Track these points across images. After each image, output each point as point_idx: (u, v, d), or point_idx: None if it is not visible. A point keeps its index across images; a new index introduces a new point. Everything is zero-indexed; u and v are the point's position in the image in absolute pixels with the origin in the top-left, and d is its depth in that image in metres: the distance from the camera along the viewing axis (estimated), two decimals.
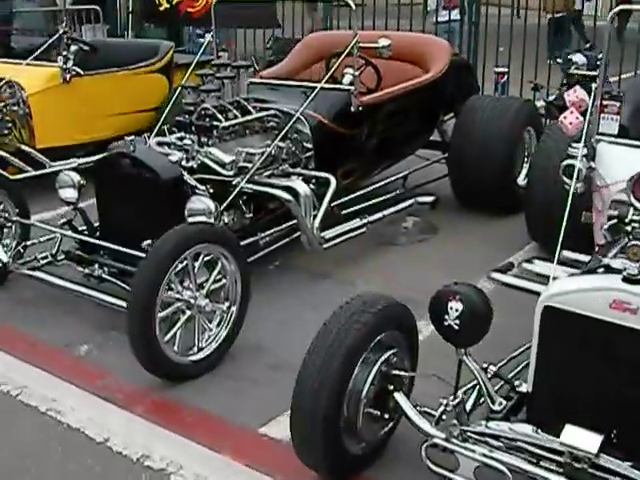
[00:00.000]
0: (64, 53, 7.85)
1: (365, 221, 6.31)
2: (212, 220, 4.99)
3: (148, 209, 5.35)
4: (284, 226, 5.94)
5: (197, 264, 4.61)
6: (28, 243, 5.75)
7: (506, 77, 9.52)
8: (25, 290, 5.82)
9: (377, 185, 7.09)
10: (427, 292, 3.46)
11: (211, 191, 5.59)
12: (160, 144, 5.86)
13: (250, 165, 5.76)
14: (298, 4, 13.30)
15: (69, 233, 5.64)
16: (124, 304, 4.69)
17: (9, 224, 5.89)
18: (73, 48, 7.96)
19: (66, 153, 8.08)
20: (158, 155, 5.56)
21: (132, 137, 5.44)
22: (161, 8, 13.19)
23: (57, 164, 7.79)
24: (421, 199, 6.97)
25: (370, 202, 6.73)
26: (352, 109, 6.36)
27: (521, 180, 7.34)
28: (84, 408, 4.41)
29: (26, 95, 7.84)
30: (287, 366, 4.51)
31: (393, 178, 7.28)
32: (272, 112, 6.16)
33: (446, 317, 3.42)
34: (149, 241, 4.98)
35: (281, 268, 6.10)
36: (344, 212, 6.31)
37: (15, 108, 7.88)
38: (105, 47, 8.65)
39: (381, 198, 6.94)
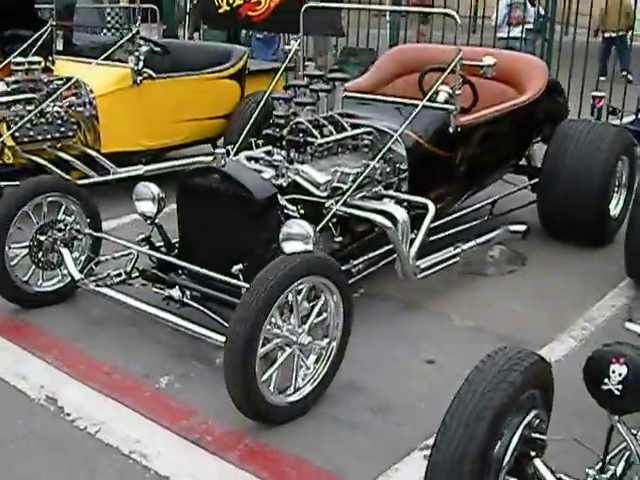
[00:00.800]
0: (136, 54, 7.42)
1: (459, 250, 5.87)
2: (311, 246, 4.55)
3: (237, 230, 4.93)
4: (377, 252, 5.49)
5: (300, 297, 4.17)
6: (102, 259, 5.29)
7: (603, 101, 9.06)
8: (94, 308, 5.44)
9: (466, 211, 6.62)
10: (525, 330, 3.04)
11: (301, 212, 5.16)
12: (249, 159, 5.43)
13: (344, 186, 5.32)
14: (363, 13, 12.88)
15: (147, 251, 5.19)
16: (206, 332, 4.41)
17: (80, 236, 5.45)
18: (144, 49, 7.53)
19: (131, 159, 7.68)
20: (250, 171, 5.14)
21: (223, 150, 5.01)
22: (220, 10, 12.68)
23: (123, 170, 7.42)
24: (513, 228, 6.53)
25: (457, 229, 6.27)
26: (450, 130, 5.90)
27: (613, 210, 6.87)
28: (171, 452, 3.97)
29: (94, 96, 7.43)
30: (387, 409, 4.34)
31: (482, 204, 6.81)
32: (367, 129, 5.70)
33: (606, 381, 2.97)
34: (240, 266, 4.65)
35: (367, 297, 5.62)
36: (430, 239, 5.84)
37: (81, 109, 7.49)
38: (175, 49, 8.22)
39: (467, 225, 6.48)
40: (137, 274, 5.30)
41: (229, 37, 13.79)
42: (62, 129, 7.34)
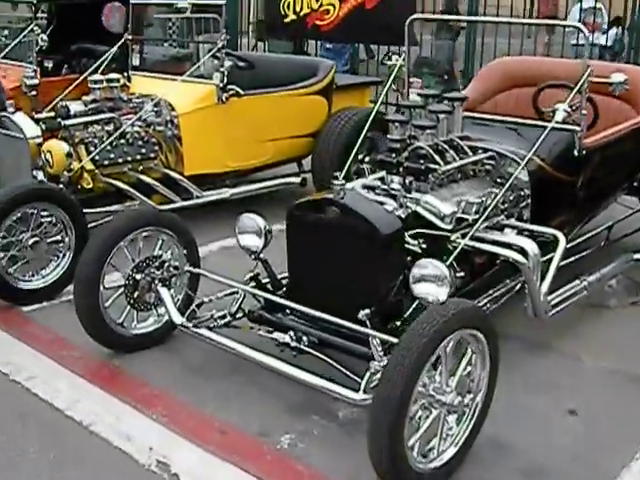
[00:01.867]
0: (221, 69, 6.96)
1: (585, 283, 5.35)
2: (447, 289, 4.05)
3: (359, 269, 4.44)
4: (500, 289, 5.00)
5: (448, 350, 3.68)
6: (205, 299, 4.83)
7: None
8: (194, 353, 5.00)
9: (582, 238, 6.09)
10: None
11: (423, 247, 4.67)
12: (365, 188, 4.95)
13: (468, 217, 4.85)
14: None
15: (257, 291, 4.72)
16: (339, 389, 3.92)
17: (177, 272, 4.99)
18: (227, 64, 7.06)
19: (214, 181, 7.23)
20: (372, 203, 4.65)
21: (342, 181, 4.52)
22: (287, 20, 12.24)
23: (208, 194, 6.97)
24: (637, 255, 5.99)
25: (573, 258, 5.75)
26: (575, 152, 5.38)
27: None
28: None
29: (176, 115, 6.98)
30: (539, 471, 3.94)
31: (599, 229, 6.29)
32: (489, 154, 5.20)
33: None
34: (367, 311, 4.17)
35: None
36: None
37: (161, 128, 7.04)
38: (258, 63, 7.75)
39: (583, 253, 5.98)
40: (241, 315, 4.81)
41: (295, 48, 13.35)
42: (143, 150, 6.89)
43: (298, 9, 11.83)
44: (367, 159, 7.67)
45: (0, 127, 6.71)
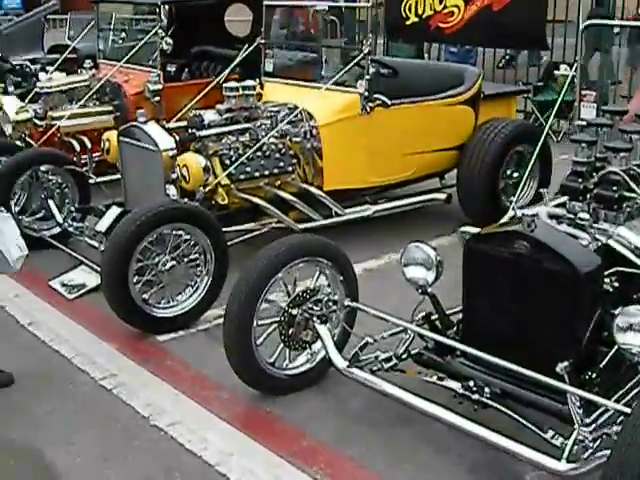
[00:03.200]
0: (367, 77, 6.38)
1: None
2: None
3: (555, 313, 3.81)
4: None
5: None
6: (370, 340, 4.24)
7: None
8: (353, 397, 4.43)
9: None
10: None
11: (615, 285, 4.02)
12: (551, 217, 4.30)
13: None
14: None
15: (430, 333, 4.13)
16: (542, 459, 3.33)
17: (337, 308, 4.43)
18: (371, 71, 6.47)
19: (352, 197, 6.66)
20: (566, 238, 4.01)
21: (532, 212, 3.90)
22: (408, 22, 11.53)
23: (350, 211, 6.42)
24: None
25: None
26: None
27: None
28: None
29: (316, 125, 6.42)
30: None
31: None
32: None
33: None
34: (565, 364, 3.59)
35: None
36: None
37: (299, 140, 6.48)
38: (400, 69, 7.14)
39: None
40: (406, 356, 4.23)
41: (418, 51, 12.73)
42: (281, 164, 6.35)
43: (420, 11, 11.14)
44: (515, 175, 7.07)
45: (128, 137, 6.21)
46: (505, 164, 7.01)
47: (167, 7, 8.59)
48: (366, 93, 6.41)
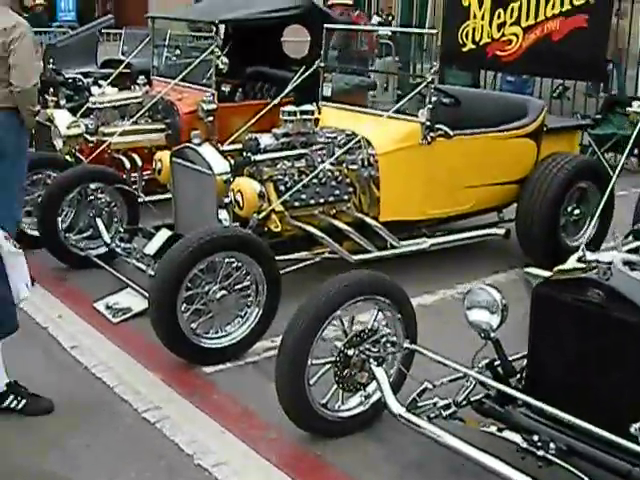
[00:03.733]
0: (429, 106, 6.16)
1: None
2: None
3: (631, 371, 3.54)
4: None
5: None
6: (429, 386, 4.00)
7: None
8: (406, 444, 4.19)
9: None
10: None
11: None
12: (626, 264, 4.04)
13: None
14: None
15: (492, 382, 3.90)
16: None
17: (395, 350, 4.21)
18: (433, 99, 6.26)
19: (408, 229, 6.45)
20: None
21: (607, 259, 3.65)
22: (465, 49, 11.34)
23: (406, 244, 6.21)
24: None
25: None
26: None
27: None
28: None
29: (375, 154, 6.22)
30: None
31: None
32: None
33: None
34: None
35: None
36: None
37: (355, 167, 6.28)
38: (463, 99, 6.93)
39: None
40: (466, 403, 3.99)
41: (474, 79, 12.52)
42: (336, 192, 6.15)
43: (477, 38, 10.94)
44: (576, 212, 6.82)
45: (182, 158, 6.05)
46: (567, 201, 6.76)
47: (224, 25, 8.45)
48: (427, 122, 6.19)
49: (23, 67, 5.77)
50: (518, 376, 4.08)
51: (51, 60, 10.66)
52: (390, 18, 16.08)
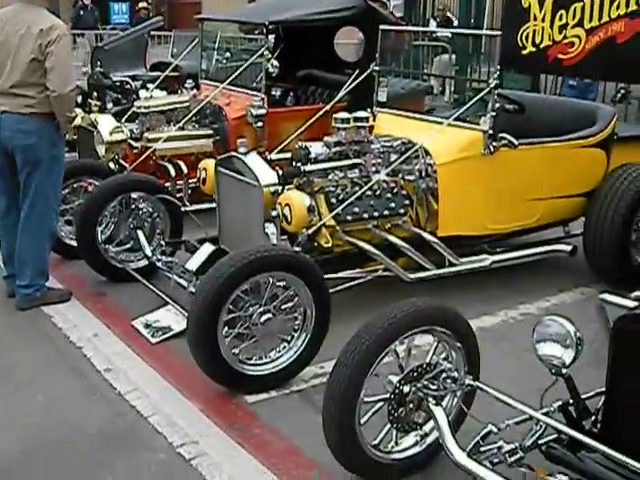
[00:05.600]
0: (492, 114, 5.72)
1: None
2: None
3: None
4: None
5: None
6: (494, 429, 3.56)
7: None
8: None
9: None
10: None
11: None
12: None
13: None
14: None
15: (564, 428, 3.45)
16: None
17: (456, 388, 3.78)
18: (496, 106, 5.82)
19: (467, 245, 6.01)
20: None
21: None
22: (524, 52, 10.81)
23: (465, 261, 5.77)
24: None
25: None
26: None
27: None
28: None
29: (433, 164, 5.79)
30: None
31: None
32: None
33: None
34: None
35: None
36: None
37: (412, 178, 5.86)
38: (527, 106, 6.47)
39: None
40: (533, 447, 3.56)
41: (533, 84, 12.03)
42: (392, 205, 5.73)
43: (538, 40, 10.43)
44: None
45: (227, 168, 5.68)
46: (639, 215, 6.27)
47: (274, 27, 8.09)
48: (490, 131, 5.74)
49: (60, 71, 5.46)
50: (593, 418, 3.64)
51: (98, 63, 10.41)
52: (453, 18, 15.60)
